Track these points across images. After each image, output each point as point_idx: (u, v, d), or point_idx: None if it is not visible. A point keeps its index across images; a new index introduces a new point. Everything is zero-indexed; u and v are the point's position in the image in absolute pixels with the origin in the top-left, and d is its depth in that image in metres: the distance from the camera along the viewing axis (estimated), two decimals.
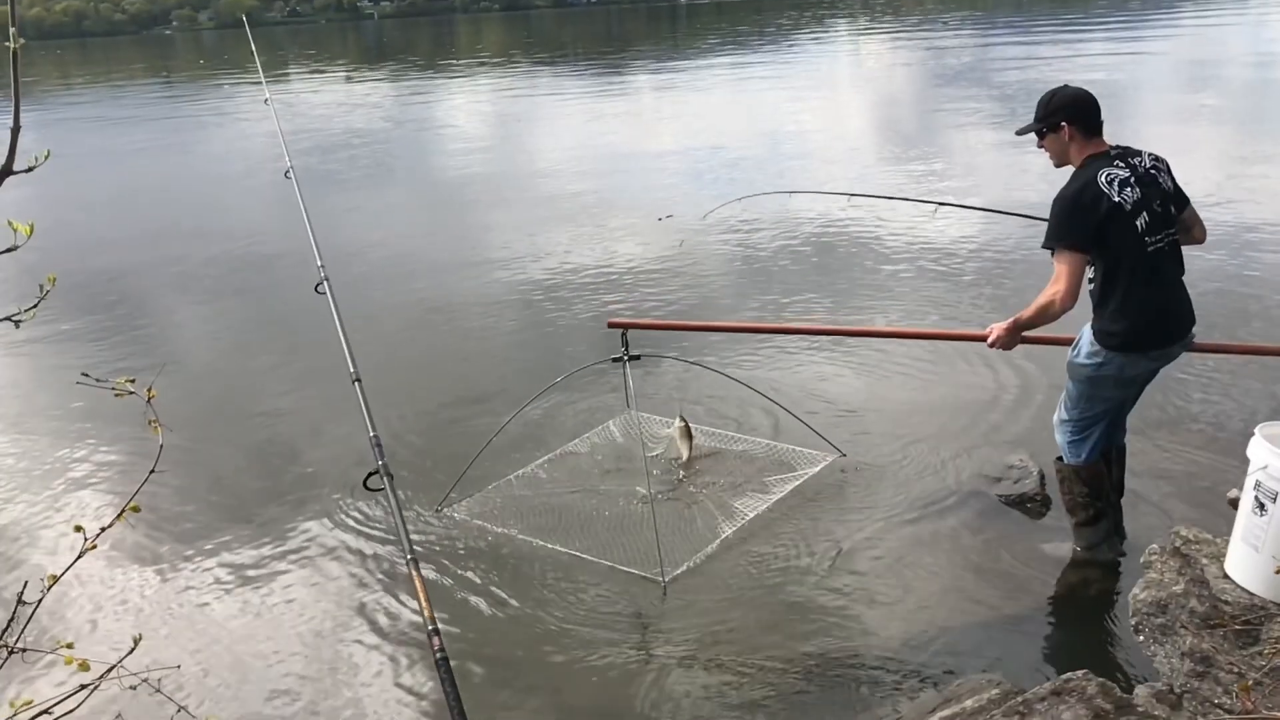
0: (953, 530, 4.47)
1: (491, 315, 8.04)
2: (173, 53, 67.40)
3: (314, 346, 7.16)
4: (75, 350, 7.83)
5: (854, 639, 3.79)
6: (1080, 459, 4.01)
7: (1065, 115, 3.69)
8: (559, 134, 18.43)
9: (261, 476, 5.49)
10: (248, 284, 9.56)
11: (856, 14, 54.00)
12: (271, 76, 14.86)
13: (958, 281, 7.90)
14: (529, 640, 3.93)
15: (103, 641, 4.06)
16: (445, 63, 40.19)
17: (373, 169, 15.68)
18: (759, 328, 5.66)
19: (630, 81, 28.71)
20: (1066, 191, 3.65)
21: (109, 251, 11.30)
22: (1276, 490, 3.01)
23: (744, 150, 14.90)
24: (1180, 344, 3.80)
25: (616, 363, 4.81)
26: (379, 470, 2.89)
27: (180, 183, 16.15)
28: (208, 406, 6.51)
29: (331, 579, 4.45)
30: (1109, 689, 2.94)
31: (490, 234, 10.95)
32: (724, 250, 9.34)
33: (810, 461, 5.08)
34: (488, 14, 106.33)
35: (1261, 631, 2.97)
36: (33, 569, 4.60)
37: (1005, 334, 3.88)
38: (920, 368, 6.23)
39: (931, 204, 6.95)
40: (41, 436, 6.22)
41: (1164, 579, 3.33)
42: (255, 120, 22.23)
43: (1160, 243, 3.63)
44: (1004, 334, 3.88)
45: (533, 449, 5.46)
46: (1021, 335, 3.92)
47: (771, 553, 4.37)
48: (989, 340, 3.95)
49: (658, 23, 65.29)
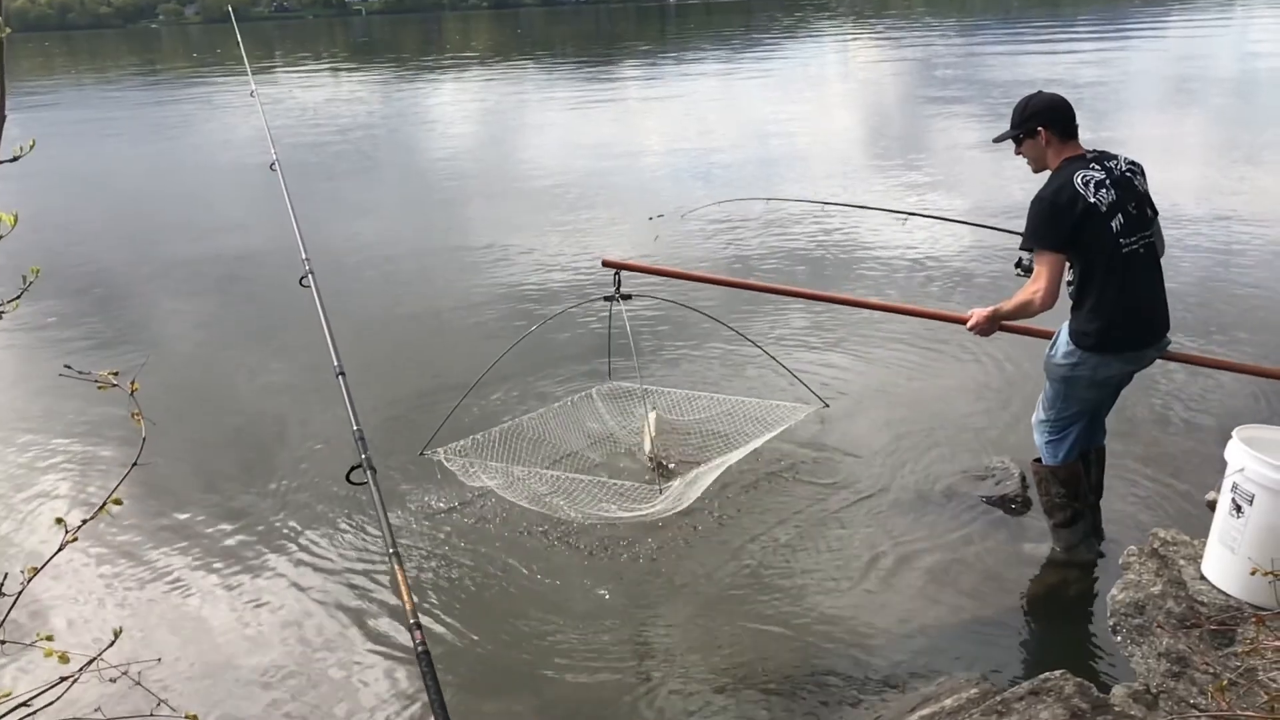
0: (933, 530, 4.49)
1: (476, 310, 8.03)
2: (158, 46, 66.95)
3: (298, 339, 7.14)
4: (58, 342, 7.79)
5: (834, 639, 3.81)
6: (1058, 460, 4.05)
7: (1041, 120, 3.74)
8: (547, 131, 18.43)
9: (244, 469, 5.47)
10: (232, 277, 9.51)
11: (844, 16, 54.12)
12: (258, 70, 14.79)
13: (937, 277, 7.95)
14: (511, 634, 3.94)
15: (83, 634, 4.05)
16: (433, 59, 40.09)
17: (359, 163, 15.64)
18: (749, 285, 5.79)
19: (619, 80, 28.69)
20: (1043, 193, 3.70)
21: (92, 243, 11.23)
22: (1253, 493, 3.04)
23: (731, 151, 14.94)
24: (1154, 348, 3.83)
25: (609, 300, 4.95)
26: (362, 464, 2.89)
27: (165, 175, 16.05)
28: (191, 399, 6.48)
29: (313, 573, 4.44)
30: (1086, 689, 2.97)
31: (476, 229, 10.94)
32: (711, 249, 9.36)
33: (794, 413, 5.23)
34: (477, 11, 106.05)
35: (1237, 632, 3.00)
36: (12, 561, 4.57)
37: (984, 321, 3.94)
38: (904, 367, 6.27)
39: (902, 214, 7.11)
40: (24, 428, 6.17)
41: (1142, 580, 3.37)
42: (241, 113, 22.14)
43: (1135, 245, 3.66)
44: (983, 320, 3.94)
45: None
46: (1001, 324, 3.97)
47: (752, 552, 4.39)
48: (969, 324, 4.01)
49: (647, 22, 65.29)
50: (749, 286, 5.96)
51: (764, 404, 5.44)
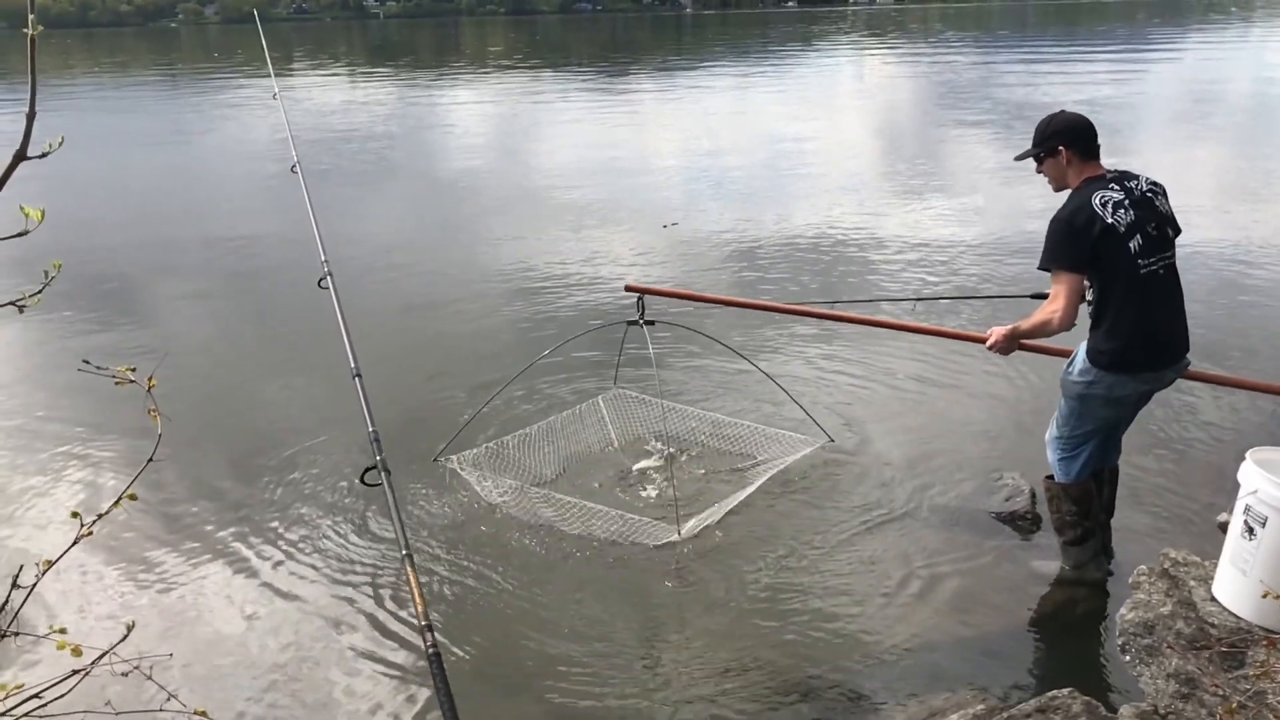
0: (942, 545, 4.49)
1: (492, 314, 8.07)
2: (179, 46, 67.39)
3: (315, 340, 7.18)
4: (77, 337, 7.84)
5: (840, 651, 3.81)
6: (1070, 477, 4.04)
7: (1062, 140, 3.74)
8: (563, 138, 18.48)
9: (260, 468, 5.49)
10: (251, 277, 9.57)
11: (861, 30, 54.14)
12: (278, 72, 14.87)
13: (952, 289, 7.94)
14: (522, 638, 3.95)
15: (95, 628, 4.06)
16: (451, 64, 40.26)
17: (377, 167, 15.71)
18: (771, 306, 5.87)
19: (635, 89, 28.77)
20: (1061, 214, 3.69)
21: (114, 241, 11.30)
22: (1266, 515, 3.04)
23: (743, 163, 14.99)
24: (1172, 369, 3.82)
25: (632, 325, 4.98)
26: (377, 465, 2.90)
27: (185, 175, 16.15)
28: (207, 397, 6.51)
29: (326, 573, 4.46)
30: (1094, 708, 2.97)
31: (492, 233, 11.00)
32: (726, 260, 9.37)
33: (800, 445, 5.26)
34: (493, 17, 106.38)
35: (1246, 655, 2.99)
36: (28, 553, 4.60)
37: (1004, 339, 3.94)
38: (919, 382, 6.26)
39: (909, 300, 7.24)
40: (41, 422, 6.22)
41: (1152, 600, 3.36)
42: (261, 115, 22.25)
43: (1155, 265, 3.65)
44: (1002, 339, 3.94)
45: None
46: (1019, 343, 3.97)
47: (761, 566, 4.38)
48: (988, 342, 4.01)
49: (663, 32, 65.43)
50: (771, 309, 6.01)
51: (771, 431, 5.44)
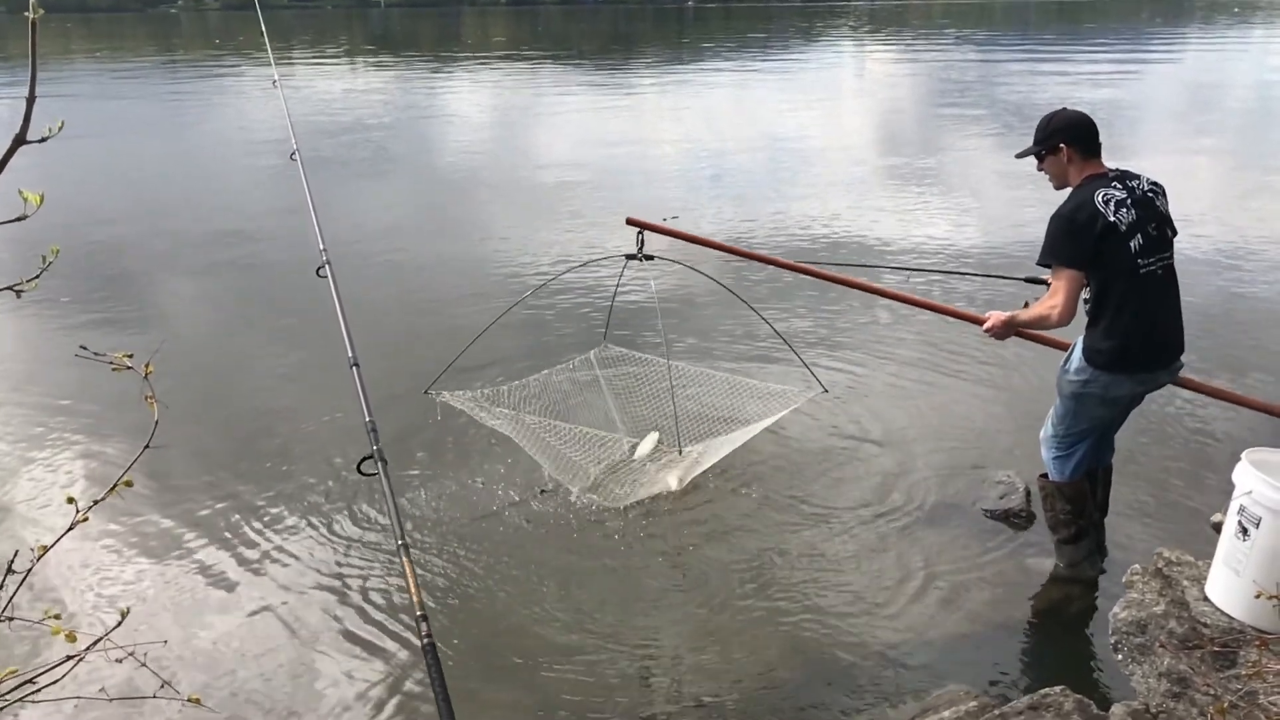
0: (936, 542, 4.50)
1: (488, 301, 8.03)
2: (179, 31, 67.08)
3: (312, 329, 7.17)
4: (74, 323, 7.82)
5: (833, 648, 3.82)
6: (1064, 476, 4.05)
7: (1064, 137, 3.73)
8: (563, 129, 18.42)
9: (256, 456, 5.50)
10: (249, 264, 9.54)
11: (862, 25, 54.07)
12: (278, 60, 14.81)
13: (950, 291, 7.94)
14: (517, 628, 3.96)
15: (90, 614, 4.07)
16: (452, 54, 40.10)
17: (377, 155, 15.65)
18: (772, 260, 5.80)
19: (636, 81, 28.68)
20: (1063, 210, 3.69)
21: (111, 226, 11.26)
22: (1260, 515, 3.04)
23: (743, 155, 14.97)
24: (1166, 371, 3.83)
25: (631, 259, 4.98)
26: (374, 455, 2.90)
27: (184, 161, 16.08)
28: (204, 384, 6.51)
29: (321, 561, 4.46)
30: (1085, 706, 2.98)
31: (493, 224, 10.98)
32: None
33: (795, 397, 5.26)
34: (495, 8, 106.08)
35: (1239, 655, 3.00)
36: (23, 539, 4.60)
37: (1001, 325, 3.95)
38: (911, 375, 6.28)
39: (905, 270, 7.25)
40: (38, 408, 6.21)
41: (1145, 599, 3.36)
42: (260, 102, 22.17)
43: (1154, 266, 3.66)
44: (999, 325, 3.95)
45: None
46: (1017, 331, 3.99)
47: (752, 561, 4.40)
48: (985, 326, 4.03)
49: (665, 24, 65.25)
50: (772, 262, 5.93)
51: (764, 386, 5.43)
